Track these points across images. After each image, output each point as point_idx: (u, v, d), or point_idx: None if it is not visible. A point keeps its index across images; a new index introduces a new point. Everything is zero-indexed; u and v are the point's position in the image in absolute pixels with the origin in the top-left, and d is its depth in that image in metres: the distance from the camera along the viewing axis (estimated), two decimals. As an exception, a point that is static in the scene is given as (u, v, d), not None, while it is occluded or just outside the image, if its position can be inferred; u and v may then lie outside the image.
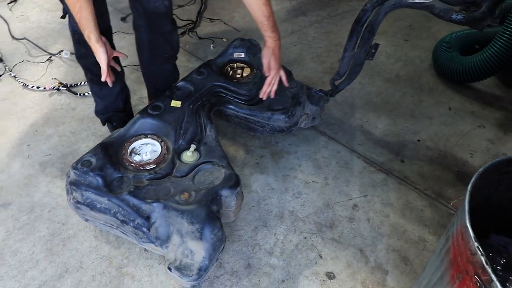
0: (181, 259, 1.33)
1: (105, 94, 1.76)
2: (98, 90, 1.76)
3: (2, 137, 1.95)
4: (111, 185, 1.41)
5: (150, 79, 1.96)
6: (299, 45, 2.68)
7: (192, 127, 1.62)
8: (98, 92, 1.76)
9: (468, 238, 0.85)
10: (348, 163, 1.88)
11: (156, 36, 1.74)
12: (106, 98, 1.78)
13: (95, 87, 1.75)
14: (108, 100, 1.79)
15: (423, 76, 2.43)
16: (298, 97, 1.81)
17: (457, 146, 1.99)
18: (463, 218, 0.89)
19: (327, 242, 1.57)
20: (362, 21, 1.75)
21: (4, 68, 2.36)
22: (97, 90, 1.76)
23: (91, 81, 1.73)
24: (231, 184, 1.42)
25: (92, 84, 1.75)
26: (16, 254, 1.49)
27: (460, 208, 0.99)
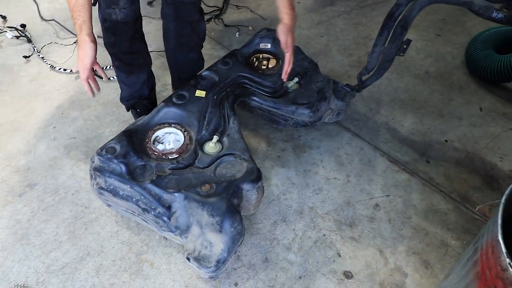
0: (199, 250, 1.34)
1: (132, 81, 1.77)
2: (124, 78, 1.76)
3: (29, 118, 1.99)
4: (134, 173, 1.42)
5: (175, 67, 1.95)
6: (326, 36, 2.62)
7: (216, 118, 1.61)
8: (125, 79, 1.77)
9: (499, 252, 0.81)
10: (371, 161, 1.84)
11: (183, 25, 1.73)
12: (132, 86, 1.78)
13: (122, 75, 1.75)
14: (133, 88, 1.79)
15: (454, 73, 2.34)
16: (324, 91, 1.77)
17: (486, 149, 1.92)
18: (494, 231, 0.85)
19: (346, 240, 1.55)
20: (395, 16, 1.69)
21: (33, 49, 2.39)
22: (124, 77, 1.76)
23: (118, 69, 1.74)
24: (252, 178, 1.41)
25: (119, 71, 1.75)
26: (40, 235, 1.53)
27: (491, 219, 0.95)
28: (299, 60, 1.92)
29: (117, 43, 1.61)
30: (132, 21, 1.57)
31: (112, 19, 1.52)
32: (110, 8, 1.49)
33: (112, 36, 1.59)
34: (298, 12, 2.84)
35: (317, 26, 2.73)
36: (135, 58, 1.70)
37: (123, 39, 1.60)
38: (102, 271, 1.43)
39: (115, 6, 1.49)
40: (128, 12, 1.52)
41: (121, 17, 1.52)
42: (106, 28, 1.59)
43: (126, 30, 1.58)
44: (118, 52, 1.64)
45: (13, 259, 1.46)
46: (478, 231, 1.59)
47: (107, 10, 1.50)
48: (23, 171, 1.75)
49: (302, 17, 2.81)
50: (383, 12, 2.86)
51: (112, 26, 1.56)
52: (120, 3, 1.48)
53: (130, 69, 1.72)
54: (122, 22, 1.54)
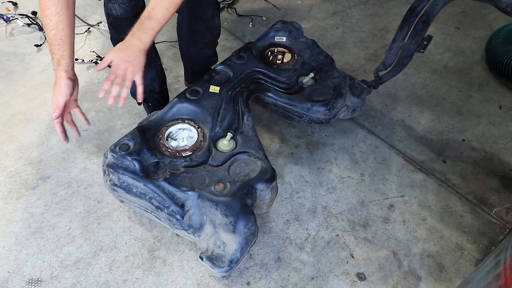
0: (213, 249, 1.33)
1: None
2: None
3: (42, 109, 1.98)
4: (148, 170, 1.41)
5: (188, 61, 1.92)
6: (342, 28, 2.56)
7: (230, 115, 1.58)
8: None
9: (525, 271, 0.79)
10: (386, 160, 1.81)
11: (196, 22, 1.69)
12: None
13: None
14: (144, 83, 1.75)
15: (474, 69, 2.28)
16: (340, 88, 1.72)
17: (505, 149, 1.87)
18: (521, 248, 0.83)
19: (360, 241, 1.54)
20: (417, 11, 1.63)
21: (44, 37, 2.37)
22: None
23: None
24: (267, 178, 1.39)
25: None
26: (53, 229, 1.53)
27: None
28: (314, 55, 1.88)
29: (121, 39, 1.56)
30: (132, 16, 1.51)
31: (113, 14, 1.50)
32: (110, 3, 1.47)
33: (115, 31, 1.57)
34: (313, 1, 2.78)
35: (332, 16, 2.66)
36: None
37: (125, 35, 1.56)
38: (115, 267, 1.44)
39: (114, 1, 1.46)
40: (127, 7, 1.48)
41: (120, 12, 1.48)
42: (109, 24, 1.57)
43: (127, 26, 1.48)
44: None
45: (27, 252, 1.47)
46: (494, 234, 1.57)
47: (108, 5, 1.48)
48: (36, 163, 1.75)
49: (317, 6, 2.74)
50: (400, 2, 2.79)
51: (114, 22, 1.53)
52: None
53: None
54: (122, 18, 1.50)
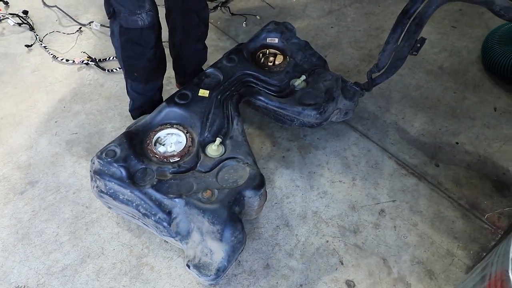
0: (200, 257, 1.32)
1: (148, 89, 1.67)
2: (141, 88, 1.65)
3: (31, 112, 1.96)
4: (135, 177, 1.40)
5: (180, 60, 1.89)
6: (337, 27, 2.52)
7: (219, 119, 1.56)
8: (141, 89, 1.66)
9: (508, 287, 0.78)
10: (378, 164, 1.79)
11: (189, 16, 1.66)
12: (148, 94, 1.69)
13: (139, 85, 1.64)
14: (148, 95, 1.70)
15: (469, 69, 2.25)
16: (332, 91, 1.70)
17: (499, 153, 1.85)
18: (504, 265, 0.81)
19: (350, 248, 1.52)
20: (409, 13, 1.60)
21: (35, 37, 2.34)
22: (141, 87, 1.65)
23: (135, 80, 1.62)
24: (255, 185, 1.37)
25: (135, 82, 1.63)
26: (41, 235, 1.52)
27: (502, 247, 0.91)
28: (307, 56, 1.85)
29: (143, 52, 1.50)
30: (157, 22, 1.48)
31: (138, 26, 1.41)
32: (135, 15, 1.38)
33: (137, 46, 1.48)
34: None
35: (327, 15, 2.62)
36: (158, 63, 1.60)
37: (149, 47, 1.49)
38: (102, 274, 1.43)
39: (141, 11, 1.38)
40: (153, 13, 1.43)
41: (148, 21, 1.42)
42: (128, 40, 1.46)
43: (152, 35, 1.47)
44: (143, 61, 1.53)
45: (14, 259, 1.46)
46: (486, 240, 1.55)
47: (132, 17, 1.39)
48: (24, 167, 1.74)
49: (312, 4, 2.71)
50: (396, 1, 2.75)
51: (136, 35, 1.44)
52: (146, 5, 1.38)
53: (149, 77, 1.61)
54: (149, 27, 1.43)
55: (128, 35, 1.44)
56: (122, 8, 1.37)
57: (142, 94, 1.68)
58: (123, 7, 1.37)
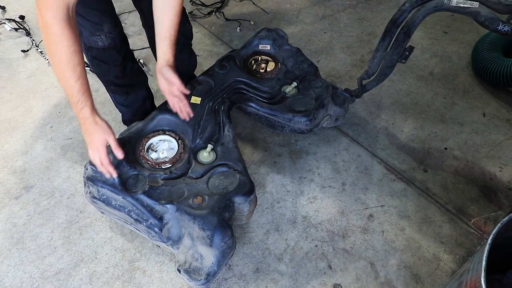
0: (190, 262, 1.35)
1: (132, 101, 1.69)
2: (124, 100, 1.68)
3: (27, 117, 1.99)
4: (127, 183, 1.43)
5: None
6: (330, 33, 2.56)
7: (211, 126, 1.59)
8: (124, 101, 1.69)
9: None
10: (368, 169, 1.83)
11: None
12: (133, 105, 1.71)
13: (120, 97, 1.67)
14: (134, 107, 1.72)
15: (459, 75, 2.28)
16: (322, 98, 1.73)
17: (487, 158, 1.89)
18: (478, 272, 0.85)
19: (338, 252, 1.56)
20: (398, 22, 1.64)
21: (31, 43, 2.37)
22: (123, 100, 1.68)
23: (115, 93, 1.65)
24: (245, 191, 1.40)
25: (115, 95, 1.67)
26: (35, 239, 1.55)
27: (478, 255, 0.94)
28: (298, 63, 1.88)
29: (109, 70, 1.52)
30: (120, 43, 1.49)
31: (99, 46, 1.43)
32: (95, 36, 1.40)
33: (102, 63, 1.50)
34: (302, 4, 2.78)
35: (320, 20, 2.66)
36: (131, 78, 1.62)
37: (114, 65, 1.51)
38: (95, 278, 1.46)
39: (100, 33, 1.40)
40: (115, 35, 1.44)
41: (108, 42, 1.43)
42: (93, 57, 1.49)
43: (115, 55, 1.49)
44: (113, 77, 1.56)
45: (9, 263, 1.49)
46: (471, 245, 1.59)
47: (92, 37, 1.41)
48: (19, 172, 1.76)
49: (306, 10, 2.74)
50: (389, 6, 2.79)
51: (100, 54, 1.46)
52: (104, 28, 1.40)
53: (127, 90, 1.64)
54: (110, 48, 1.45)
55: (92, 53, 1.47)
56: (83, 28, 1.38)
57: (128, 107, 1.71)
58: (83, 28, 1.38)
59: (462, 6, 1.47)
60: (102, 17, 1.38)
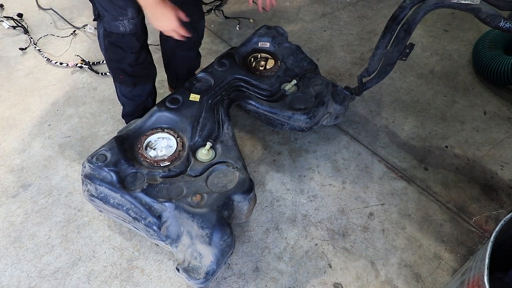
0: (189, 261, 1.34)
1: (136, 94, 1.68)
2: (129, 91, 1.66)
3: (25, 115, 1.98)
4: (125, 181, 1.41)
5: (172, 66, 1.91)
6: (329, 31, 2.54)
7: (210, 124, 1.58)
8: (129, 93, 1.67)
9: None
10: (368, 167, 1.81)
11: (184, 25, 1.67)
12: (137, 99, 1.70)
13: (126, 88, 1.65)
14: (138, 101, 1.71)
15: (460, 73, 2.27)
16: (322, 96, 1.72)
17: (488, 156, 1.87)
18: (481, 270, 0.83)
19: (338, 251, 1.54)
20: (398, 19, 1.62)
21: (29, 40, 2.35)
22: (128, 91, 1.66)
23: (122, 83, 1.63)
24: (244, 190, 1.39)
25: (122, 85, 1.65)
26: (33, 238, 1.54)
27: (480, 253, 0.93)
28: (298, 61, 1.87)
29: (124, 56, 1.52)
30: (140, 31, 1.49)
31: (120, 32, 1.43)
32: (118, 21, 1.40)
33: (119, 50, 1.49)
34: (302, 2, 2.77)
35: (320, 18, 2.64)
36: (142, 69, 1.61)
37: (130, 52, 1.51)
38: (93, 277, 1.44)
39: (123, 17, 1.40)
40: (137, 21, 1.44)
41: (130, 28, 1.43)
42: (110, 43, 1.49)
43: (134, 42, 1.49)
44: (125, 65, 1.55)
45: (6, 262, 1.47)
46: (473, 244, 1.58)
47: (114, 22, 1.41)
48: (17, 170, 1.75)
49: (306, 8, 2.73)
50: (389, 4, 2.77)
51: (118, 40, 1.46)
52: (128, 13, 1.40)
53: (135, 81, 1.62)
54: (130, 34, 1.45)
55: (111, 38, 1.47)
56: (106, 12, 1.39)
57: (131, 99, 1.69)
58: (106, 12, 1.39)
59: (463, 2, 1.45)
60: (128, 1, 1.38)
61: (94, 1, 1.41)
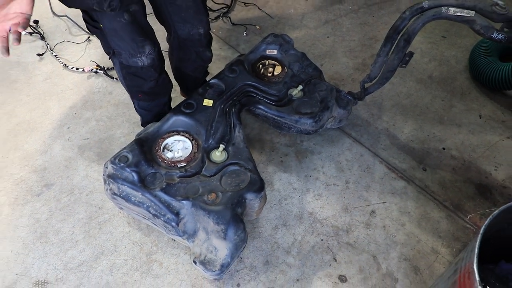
0: (205, 254, 1.45)
1: (154, 105, 1.77)
2: (148, 105, 1.76)
3: (45, 118, 2.09)
4: (145, 181, 1.52)
5: (179, 79, 2.01)
6: (332, 37, 2.65)
7: (222, 127, 1.69)
8: (147, 106, 1.77)
9: (473, 280, 0.91)
10: (370, 168, 1.93)
11: (188, 53, 1.76)
12: (155, 109, 1.79)
13: (146, 103, 1.75)
14: (155, 111, 1.80)
15: (457, 78, 2.38)
16: (327, 101, 1.83)
17: (483, 158, 1.99)
18: (471, 260, 0.94)
19: (343, 246, 1.66)
20: (399, 29, 1.73)
21: (46, 47, 2.46)
22: (147, 105, 1.75)
23: (141, 100, 1.73)
24: (255, 188, 1.50)
25: (141, 101, 1.74)
26: (58, 234, 1.65)
27: (470, 245, 1.04)
28: (304, 67, 1.98)
29: (143, 84, 1.60)
30: (158, 61, 1.57)
31: (138, 66, 1.51)
32: (135, 57, 1.48)
33: (138, 79, 1.57)
34: (306, 10, 2.88)
35: (323, 25, 2.76)
36: (161, 89, 1.70)
37: (150, 80, 1.60)
38: (115, 269, 1.56)
39: (141, 55, 1.47)
40: (154, 56, 1.52)
41: (148, 62, 1.51)
42: (129, 73, 1.56)
43: (152, 72, 1.57)
44: (145, 89, 1.63)
45: (34, 256, 1.58)
46: (467, 239, 1.69)
47: (132, 59, 1.48)
48: (40, 171, 1.86)
49: (309, 15, 2.84)
50: (390, 11, 2.89)
51: (137, 71, 1.53)
52: (146, 50, 1.47)
53: (153, 98, 1.72)
54: (149, 66, 1.53)
55: (129, 70, 1.54)
56: (122, 51, 1.45)
57: (149, 111, 1.79)
58: (123, 50, 1.45)
59: (459, 15, 1.56)
60: (145, 40, 1.46)
61: (108, 40, 1.45)
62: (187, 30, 1.65)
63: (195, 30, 1.66)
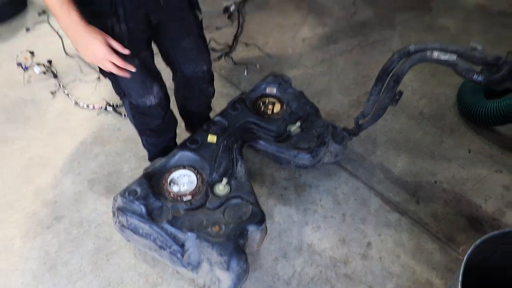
0: (209, 285, 1.52)
1: (161, 141, 1.90)
2: (155, 141, 1.88)
3: (56, 153, 2.20)
4: (153, 213, 1.61)
5: (184, 116, 2.14)
6: (328, 76, 2.81)
7: (225, 162, 1.80)
8: (155, 142, 1.89)
9: (460, 307, 0.98)
10: (365, 201, 2.02)
11: (192, 90, 1.89)
12: (161, 145, 1.91)
13: (153, 140, 1.87)
14: (161, 146, 1.92)
15: (447, 115, 2.52)
16: (323, 137, 1.95)
17: (473, 191, 2.08)
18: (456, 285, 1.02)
19: (340, 277, 1.72)
20: (388, 70, 1.86)
21: (58, 85, 2.61)
22: (154, 141, 1.88)
23: (149, 136, 1.85)
24: (257, 221, 1.59)
25: (149, 138, 1.86)
26: (66, 265, 1.72)
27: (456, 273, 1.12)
28: (301, 105, 2.11)
29: (151, 122, 1.73)
30: (164, 100, 1.70)
31: (146, 105, 1.63)
32: (143, 98, 1.60)
33: (146, 117, 1.70)
34: (303, 50, 3.06)
35: (320, 64, 2.92)
36: (167, 126, 1.83)
37: (157, 118, 1.73)
38: (122, 300, 1.62)
39: (149, 95, 1.59)
40: (161, 95, 1.65)
41: (155, 102, 1.63)
42: (138, 113, 1.68)
43: (160, 111, 1.70)
44: (153, 127, 1.76)
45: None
46: (460, 270, 1.75)
47: (141, 99, 1.60)
48: (51, 204, 1.95)
49: (307, 55, 3.01)
50: (382, 51, 3.06)
51: (145, 110, 1.65)
52: (154, 91, 1.60)
53: (160, 135, 1.84)
54: (156, 105, 1.65)
55: (138, 109, 1.67)
56: (132, 92, 1.59)
57: (156, 146, 1.91)
58: (132, 91, 1.58)
59: (442, 58, 1.70)
60: (153, 82, 1.60)
61: (118, 82, 1.56)
62: (192, 69, 1.78)
63: (199, 68, 1.79)
